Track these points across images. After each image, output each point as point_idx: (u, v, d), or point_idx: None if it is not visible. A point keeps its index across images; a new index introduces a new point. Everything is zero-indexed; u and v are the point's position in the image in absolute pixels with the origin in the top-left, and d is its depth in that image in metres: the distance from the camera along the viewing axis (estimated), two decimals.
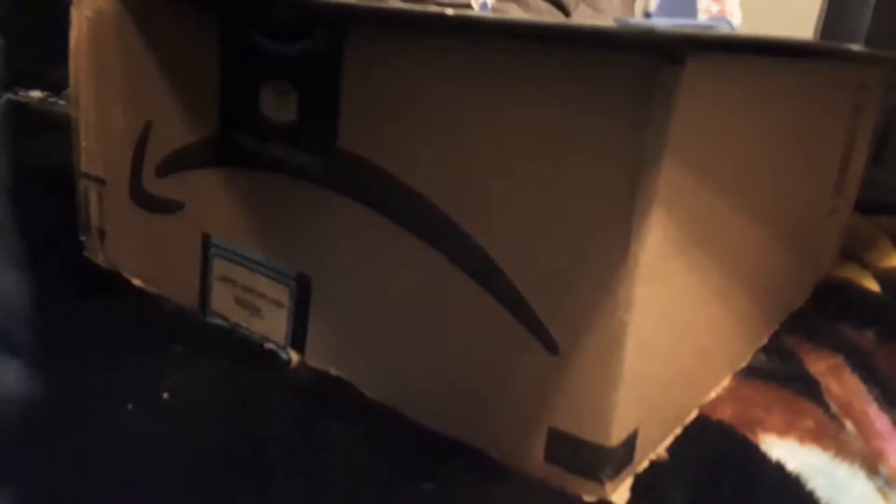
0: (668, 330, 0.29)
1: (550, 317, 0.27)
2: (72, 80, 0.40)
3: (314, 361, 0.35)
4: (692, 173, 0.26)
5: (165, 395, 0.31)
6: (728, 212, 0.31)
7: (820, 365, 0.39)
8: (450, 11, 0.21)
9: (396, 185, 0.30)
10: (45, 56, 0.87)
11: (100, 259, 0.43)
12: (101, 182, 0.42)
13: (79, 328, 0.36)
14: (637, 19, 0.29)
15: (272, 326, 0.36)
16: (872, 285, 0.52)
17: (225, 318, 0.38)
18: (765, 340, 0.42)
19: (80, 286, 0.41)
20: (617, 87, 0.23)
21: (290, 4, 0.30)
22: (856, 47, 0.31)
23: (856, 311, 0.46)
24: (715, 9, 0.41)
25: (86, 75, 0.40)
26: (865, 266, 0.56)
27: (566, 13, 0.89)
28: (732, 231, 0.32)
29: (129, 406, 0.30)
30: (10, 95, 0.76)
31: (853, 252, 0.58)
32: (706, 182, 0.28)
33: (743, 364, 0.39)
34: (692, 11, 0.27)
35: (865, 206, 0.65)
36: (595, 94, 0.24)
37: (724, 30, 0.25)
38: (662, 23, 0.24)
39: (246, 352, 0.36)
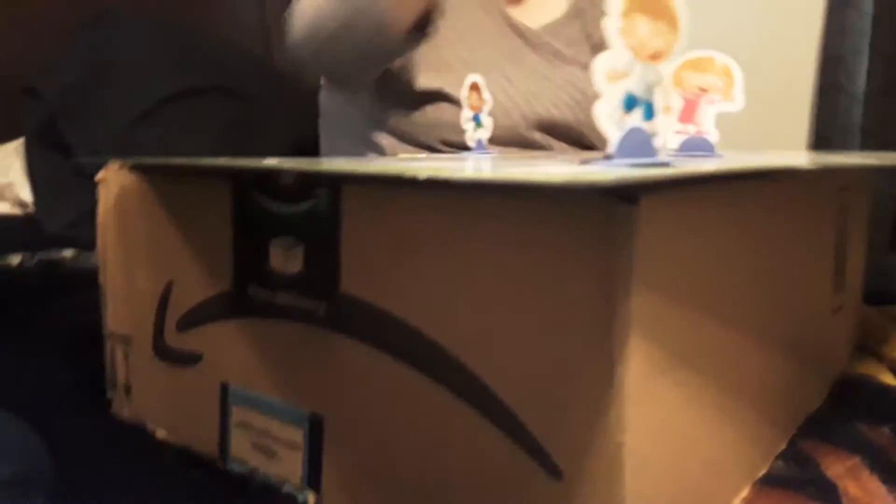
0: (668, 448, 0.30)
1: (551, 442, 0.28)
2: (100, 250, 0.44)
3: (330, 500, 0.35)
4: (666, 298, 0.28)
5: None
6: (714, 328, 0.32)
7: (838, 467, 0.39)
8: (422, 175, 0.23)
9: (395, 323, 0.32)
10: (76, 221, 0.93)
11: (126, 414, 0.45)
12: (126, 340, 0.44)
13: (104, 488, 0.37)
14: (599, 161, 0.32)
15: (289, 468, 0.37)
16: (889, 378, 0.52)
17: (243, 463, 0.39)
18: (783, 446, 0.42)
19: (105, 443, 0.43)
20: (581, 227, 0.26)
21: (293, 173, 0.33)
22: (806, 164, 0.33)
23: (871, 408, 0.46)
24: (692, 130, 0.44)
25: (112, 245, 0.44)
26: (881, 359, 0.56)
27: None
28: (724, 345, 0.33)
29: None
30: (43, 255, 0.81)
31: (867, 346, 0.58)
32: (683, 304, 0.29)
33: (762, 471, 0.39)
34: (650, 150, 0.29)
35: (880, 297, 0.65)
36: (564, 234, 0.26)
37: (679, 166, 0.27)
38: (621, 163, 0.26)
39: (265, 499, 0.37)
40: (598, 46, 0.95)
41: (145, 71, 0.95)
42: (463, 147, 0.72)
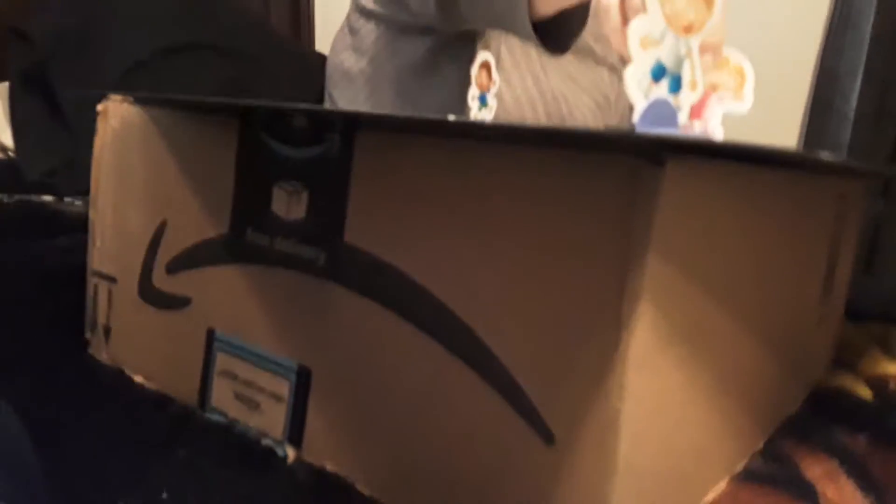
0: (662, 422, 0.29)
1: (546, 406, 0.28)
2: (93, 184, 0.43)
3: (311, 456, 0.35)
4: (678, 271, 0.28)
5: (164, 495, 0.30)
6: (715, 312, 0.32)
7: (815, 470, 0.39)
8: (451, 117, 0.23)
9: (398, 277, 0.31)
10: (56, 170, 0.91)
11: (103, 357, 0.44)
12: (111, 280, 0.43)
13: (78, 430, 0.36)
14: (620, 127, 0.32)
15: (270, 421, 0.36)
16: (864, 392, 0.53)
17: (223, 414, 0.38)
18: (760, 444, 0.42)
19: (81, 385, 0.41)
20: (603, 186, 0.25)
21: (305, 114, 0.33)
22: (827, 156, 0.33)
23: (849, 417, 0.46)
24: (699, 127, 0.44)
25: (106, 179, 0.42)
26: (857, 373, 0.57)
27: None
28: (721, 331, 0.33)
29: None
30: (22, 197, 0.79)
31: (845, 360, 0.59)
32: (693, 280, 0.29)
33: (739, 467, 0.39)
34: (673, 123, 0.29)
35: (857, 314, 0.66)
36: (583, 192, 0.26)
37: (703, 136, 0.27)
38: (644, 132, 0.26)
39: (243, 450, 0.36)
40: None
41: (143, 22, 0.93)
42: None
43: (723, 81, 0.44)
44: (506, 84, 0.75)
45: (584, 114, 0.83)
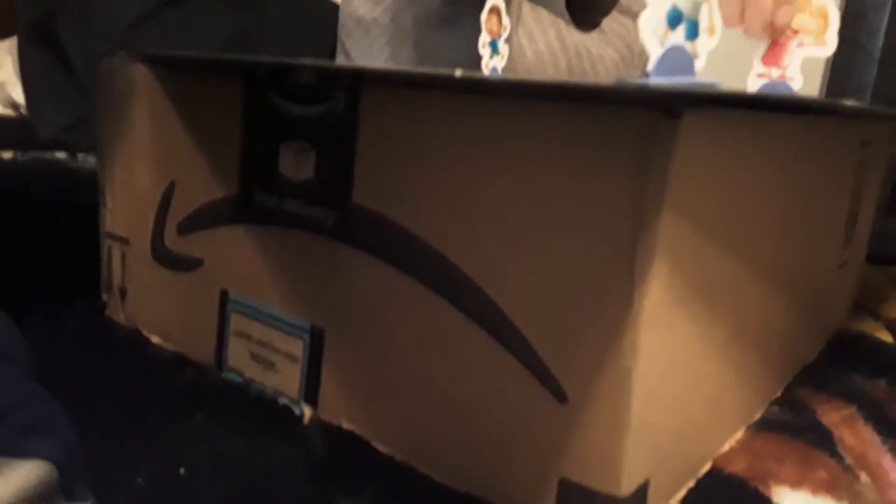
0: (675, 379, 0.29)
1: (559, 365, 0.28)
2: (99, 146, 0.42)
3: (326, 414, 0.35)
4: (693, 226, 0.27)
5: (182, 471, 0.31)
6: (731, 265, 0.32)
7: (833, 416, 0.39)
8: (458, 72, 0.22)
9: (407, 237, 0.31)
10: (70, 127, 0.91)
11: (120, 317, 0.45)
12: (124, 241, 0.43)
13: (95, 386, 0.36)
14: (636, 78, 0.31)
15: (286, 380, 0.36)
16: (885, 336, 0.52)
17: (240, 374, 0.38)
18: (778, 393, 0.42)
19: (100, 346, 0.42)
20: (617, 140, 0.24)
21: (310, 70, 0.32)
22: (851, 103, 0.32)
23: (868, 361, 0.46)
24: (776, 73, 0.41)
25: (113, 141, 0.42)
26: (878, 318, 0.56)
27: None
28: (737, 284, 0.33)
29: (139, 479, 0.30)
30: (36, 154, 0.79)
31: (866, 304, 0.59)
32: (708, 235, 0.28)
33: (756, 416, 0.39)
34: (690, 71, 0.28)
35: (878, 258, 0.65)
36: (596, 148, 0.25)
37: (721, 87, 0.26)
38: (660, 80, 0.25)
39: (260, 409, 0.36)
40: None
41: None
42: None
43: (804, 24, 0.41)
44: (527, 38, 0.72)
45: (607, 68, 0.80)
